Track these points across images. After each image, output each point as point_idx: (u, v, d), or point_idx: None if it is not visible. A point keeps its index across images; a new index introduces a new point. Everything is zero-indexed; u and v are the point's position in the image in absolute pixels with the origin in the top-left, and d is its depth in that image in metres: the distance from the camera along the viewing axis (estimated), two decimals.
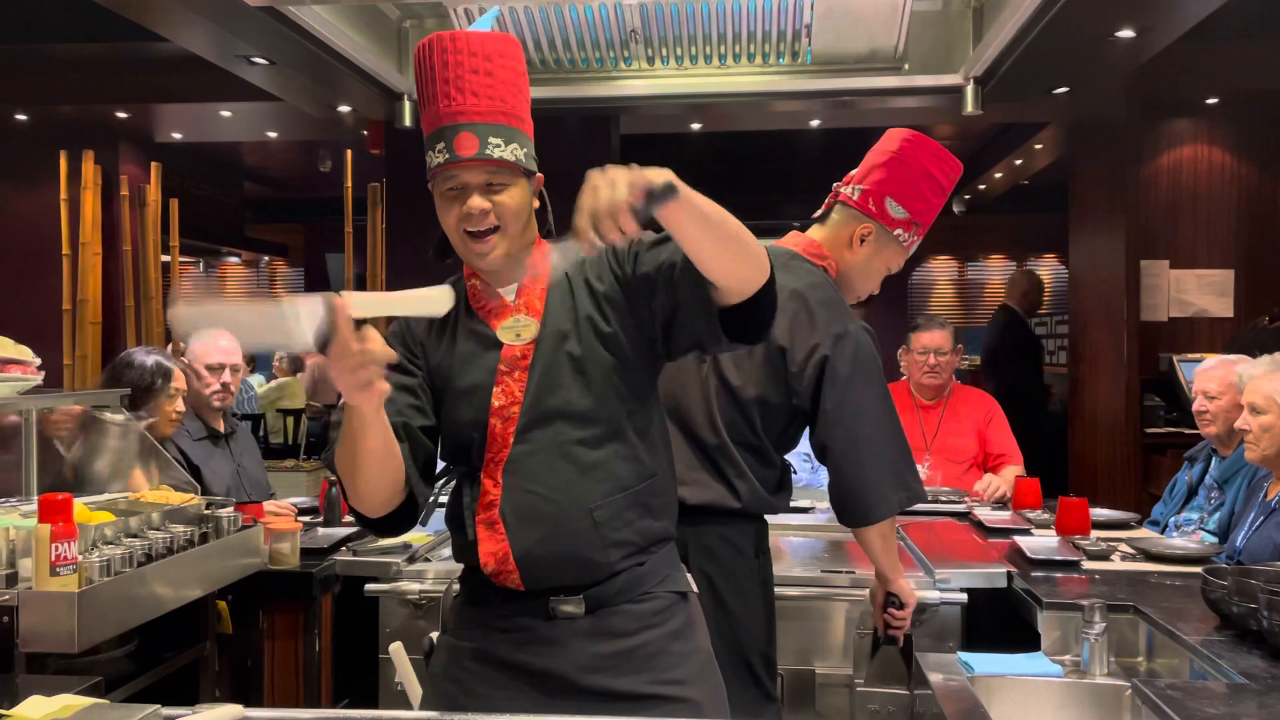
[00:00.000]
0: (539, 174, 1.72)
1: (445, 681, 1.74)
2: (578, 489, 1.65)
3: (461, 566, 1.80)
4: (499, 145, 1.62)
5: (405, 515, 1.72)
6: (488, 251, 1.66)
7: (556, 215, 1.73)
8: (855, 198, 2.37)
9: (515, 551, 1.65)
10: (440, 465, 1.78)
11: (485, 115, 1.62)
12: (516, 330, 1.69)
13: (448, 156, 1.62)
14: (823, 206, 2.44)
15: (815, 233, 2.40)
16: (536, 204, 1.73)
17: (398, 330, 1.78)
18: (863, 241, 2.35)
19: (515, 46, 1.69)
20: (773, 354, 2.16)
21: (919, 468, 3.79)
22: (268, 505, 3.20)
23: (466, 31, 1.64)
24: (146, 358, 3.20)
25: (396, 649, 2.07)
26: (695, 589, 1.81)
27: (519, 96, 1.67)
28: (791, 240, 2.39)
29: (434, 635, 1.89)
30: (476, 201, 1.63)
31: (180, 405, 3.22)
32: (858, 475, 2.14)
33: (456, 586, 1.83)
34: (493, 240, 1.65)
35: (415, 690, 2.01)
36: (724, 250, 1.49)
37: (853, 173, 2.42)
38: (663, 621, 1.70)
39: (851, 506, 2.18)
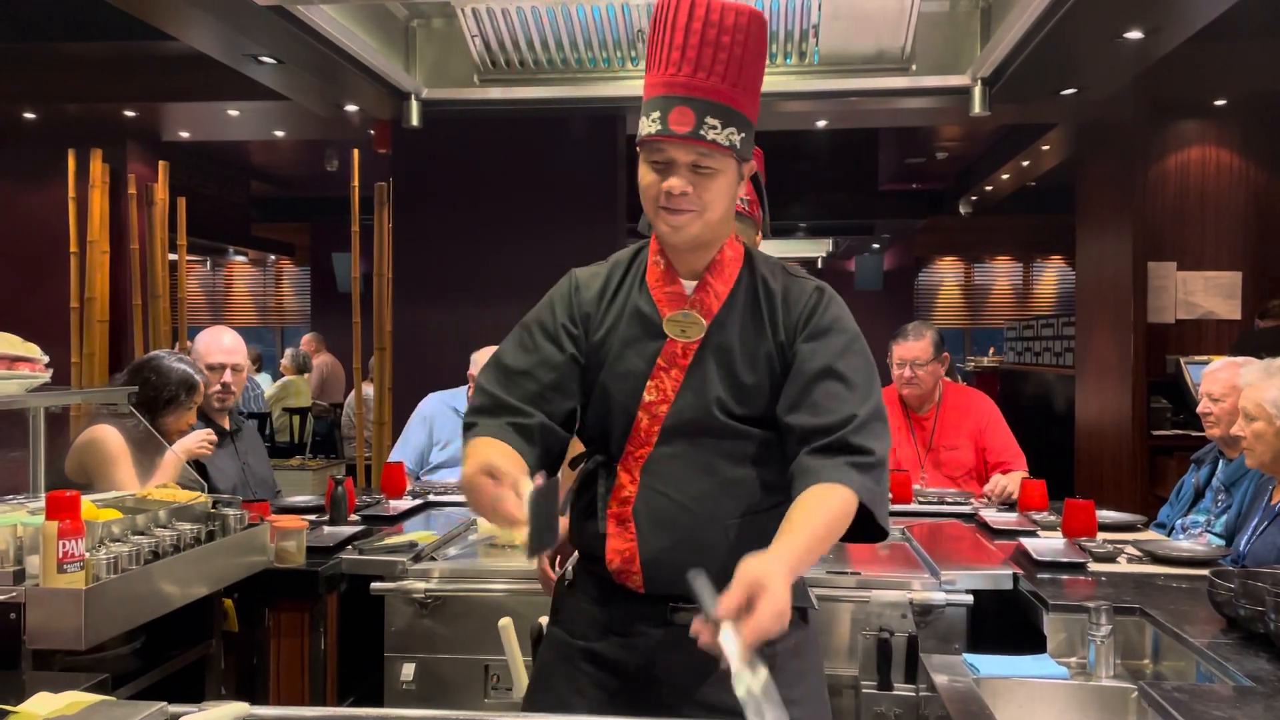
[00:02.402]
0: (755, 164, 1.65)
1: (557, 678, 1.71)
2: (716, 502, 1.62)
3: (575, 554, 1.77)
4: (714, 127, 1.55)
5: None
6: (682, 225, 1.60)
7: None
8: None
9: (643, 554, 1.63)
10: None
11: (708, 92, 1.54)
12: (683, 326, 1.64)
13: (659, 129, 1.55)
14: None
15: None
16: (746, 193, 1.67)
17: (565, 292, 1.72)
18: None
19: (760, 23, 1.58)
20: None
21: (916, 485, 3.79)
22: (194, 438, 3.18)
23: (720, 1, 1.55)
24: (175, 365, 3.14)
25: (506, 625, 2.06)
26: (816, 606, 1.78)
27: (751, 77, 1.59)
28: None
29: (543, 621, 1.86)
30: (677, 183, 1.57)
31: (193, 416, 3.22)
32: None
33: (570, 573, 1.79)
34: (689, 216, 1.59)
35: (520, 675, 2.00)
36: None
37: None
38: (781, 637, 1.66)
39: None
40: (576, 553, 1.78)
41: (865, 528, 1.61)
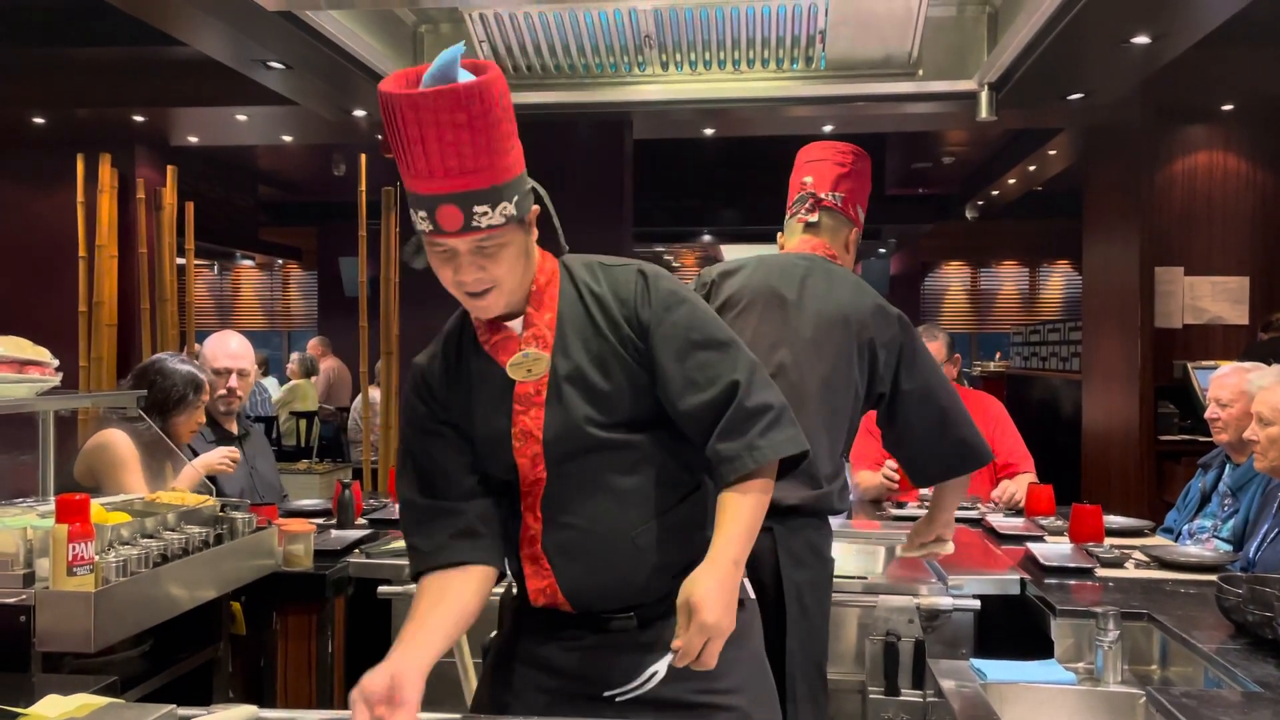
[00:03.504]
0: (535, 205, 1.61)
1: (497, 684, 1.74)
2: (616, 517, 1.63)
3: None
4: (485, 213, 1.50)
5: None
6: (487, 308, 1.61)
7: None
8: (839, 205, 2.48)
9: (562, 586, 1.65)
10: None
11: (468, 183, 1.48)
12: (527, 366, 1.63)
13: (432, 228, 1.52)
14: (805, 213, 2.48)
15: (817, 235, 2.48)
16: (535, 233, 1.64)
17: (417, 390, 1.72)
18: (849, 246, 2.52)
19: (489, 87, 1.46)
20: (862, 346, 2.28)
21: (926, 491, 3.78)
22: (217, 454, 3.21)
23: (432, 92, 1.43)
24: (179, 365, 3.17)
25: (459, 641, 2.08)
26: (752, 595, 1.78)
27: (502, 142, 1.50)
28: (809, 245, 2.46)
29: (493, 635, 1.89)
30: (469, 273, 1.55)
31: (202, 416, 3.23)
32: (959, 425, 2.32)
33: (513, 587, 1.81)
34: (491, 296, 1.58)
35: (471, 681, 2.02)
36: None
37: (809, 179, 2.50)
38: None
39: (968, 454, 2.34)
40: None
41: (789, 462, 1.64)
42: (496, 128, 1.48)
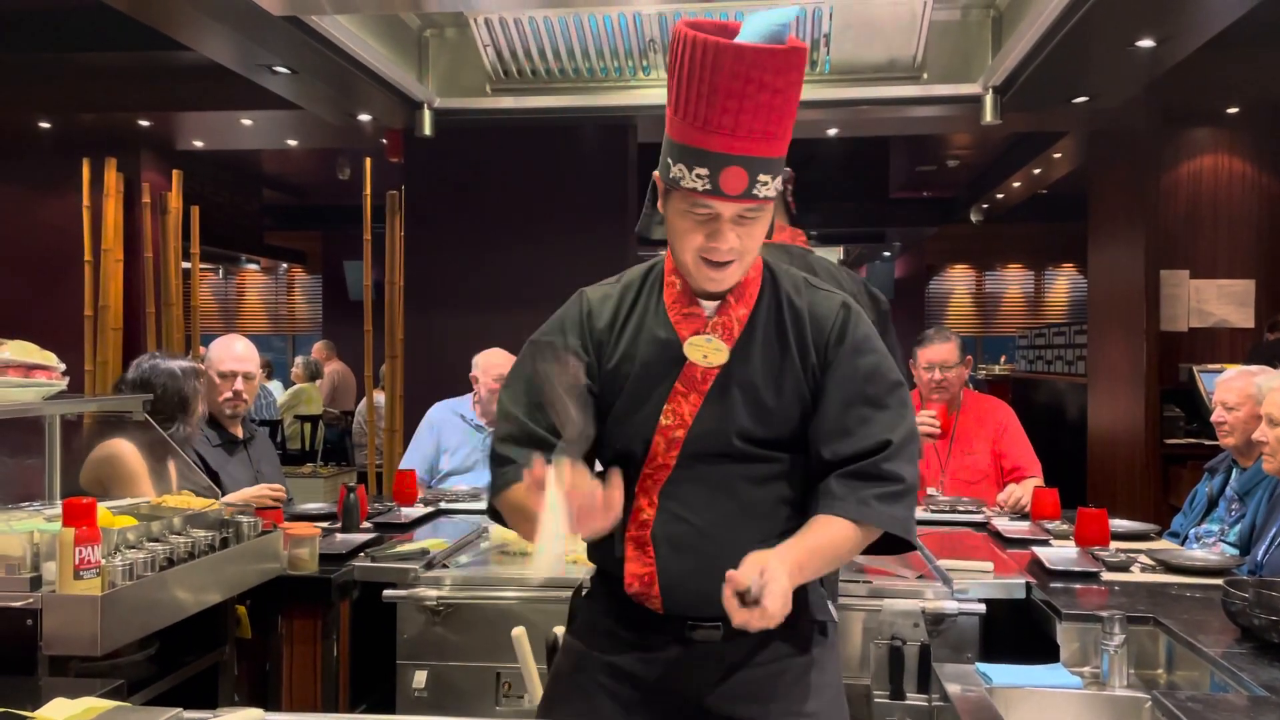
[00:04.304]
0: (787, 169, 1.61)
1: (573, 690, 1.68)
2: (736, 527, 1.58)
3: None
4: (767, 182, 1.49)
5: None
6: (724, 279, 1.57)
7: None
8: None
9: (662, 579, 1.60)
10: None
11: (763, 149, 1.47)
12: (705, 351, 1.59)
13: (710, 187, 1.48)
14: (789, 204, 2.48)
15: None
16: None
17: (577, 317, 1.67)
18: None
19: (800, 56, 1.46)
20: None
21: (933, 490, 3.77)
22: (257, 490, 3.21)
23: (767, 49, 1.42)
24: (171, 363, 3.17)
25: (520, 635, 2.05)
26: (836, 619, 1.76)
27: (794, 114, 1.50)
28: (791, 237, 2.46)
29: (558, 631, 1.84)
30: (727, 240, 1.52)
31: (203, 407, 3.24)
32: None
33: (588, 583, 1.77)
34: (733, 268, 1.56)
35: (535, 685, 1.99)
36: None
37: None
38: (800, 651, 1.64)
39: None
40: (594, 565, 1.76)
41: (894, 543, 1.62)
42: (798, 99, 1.49)
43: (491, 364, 4.07)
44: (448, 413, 4.23)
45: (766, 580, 1.38)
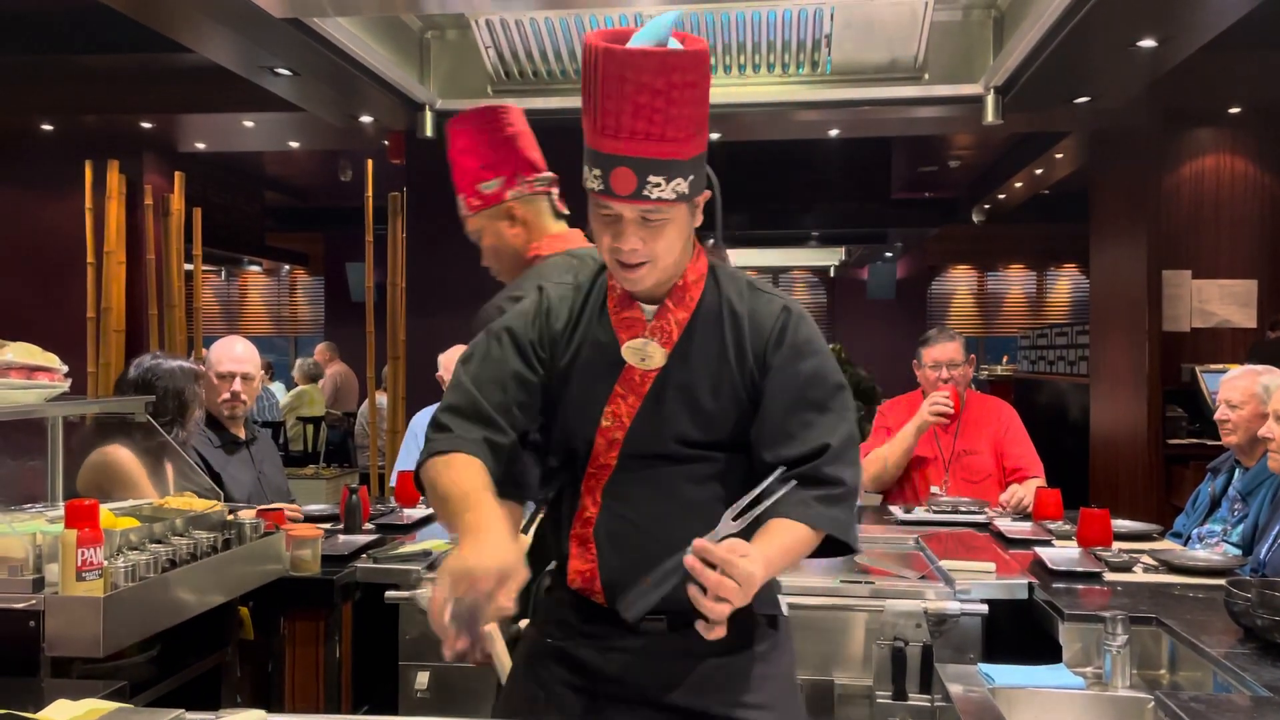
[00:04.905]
0: (706, 190, 1.61)
1: (528, 678, 1.72)
2: (675, 525, 1.59)
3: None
4: (658, 185, 1.51)
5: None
6: (637, 280, 1.60)
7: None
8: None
9: (603, 575, 1.64)
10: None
11: (648, 150, 1.50)
12: (643, 354, 1.62)
13: (602, 187, 1.53)
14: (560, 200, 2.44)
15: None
16: (699, 219, 1.63)
17: (536, 313, 1.70)
18: None
19: (698, 60, 1.49)
20: None
21: (936, 489, 3.77)
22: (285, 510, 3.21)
23: (637, 51, 1.47)
24: (170, 364, 3.17)
25: (491, 631, 2.08)
26: (785, 611, 1.77)
27: (692, 119, 1.51)
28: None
29: (524, 624, 1.87)
30: (629, 242, 1.55)
31: (200, 409, 3.24)
32: None
33: (548, 578, 1.79)
34: (643, 269, 1.58)
35: (504, 668, 2.03)
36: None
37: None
38: (749, 643, 1.66)
39: None
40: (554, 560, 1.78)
41: (835, 546, 1.63)
42: (690, 104, 1.49)
43: (455, 361, 4.06)
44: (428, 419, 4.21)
45: (745, 552, 1.43)
